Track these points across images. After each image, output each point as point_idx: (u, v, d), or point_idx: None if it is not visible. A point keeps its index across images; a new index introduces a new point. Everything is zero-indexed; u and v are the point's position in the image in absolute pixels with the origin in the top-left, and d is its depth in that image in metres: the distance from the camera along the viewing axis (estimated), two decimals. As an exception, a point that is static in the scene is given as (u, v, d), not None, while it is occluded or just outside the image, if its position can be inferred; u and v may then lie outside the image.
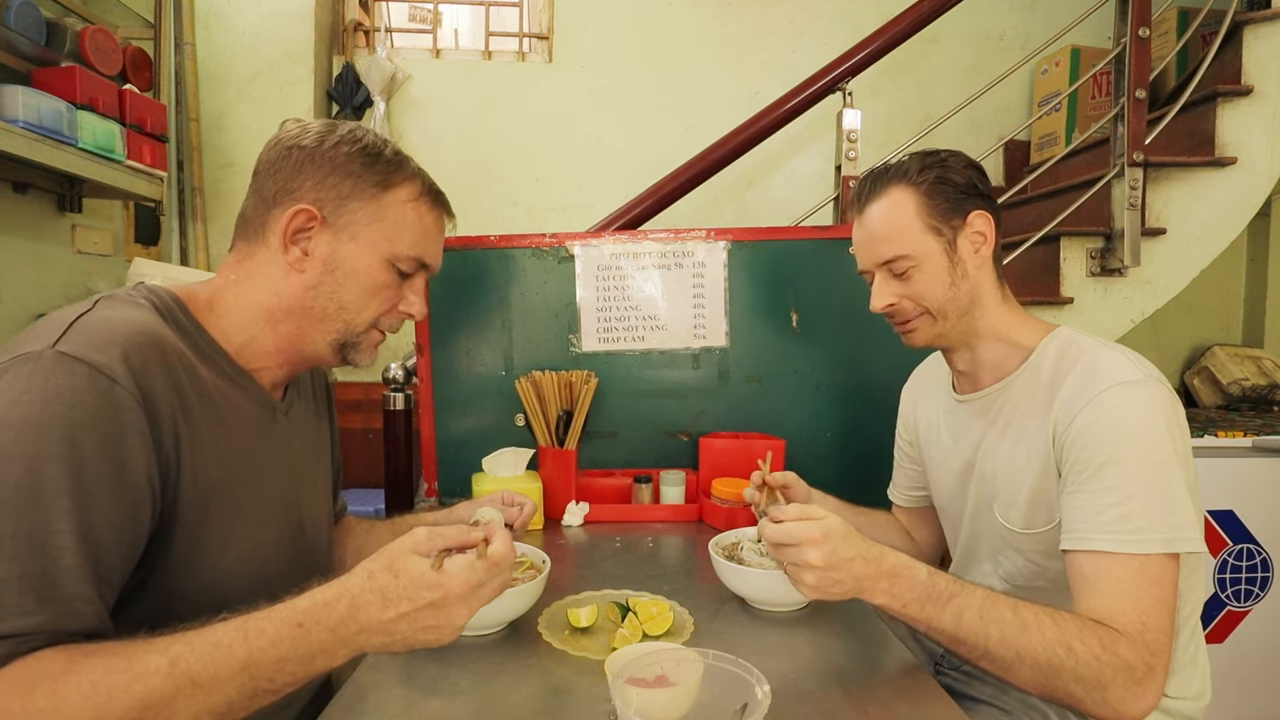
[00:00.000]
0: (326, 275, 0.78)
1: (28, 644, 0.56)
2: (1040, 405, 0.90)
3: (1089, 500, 0.80)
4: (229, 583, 0.73)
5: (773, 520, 0.79)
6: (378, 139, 0.81)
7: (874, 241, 0.96)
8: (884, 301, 0.97)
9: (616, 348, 1.51)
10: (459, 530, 0.68)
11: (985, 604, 0.76)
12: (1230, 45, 2.03)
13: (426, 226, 0.83)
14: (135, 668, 0.56)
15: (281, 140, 0.79)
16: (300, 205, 0.76)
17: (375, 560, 0.64)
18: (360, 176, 0.78)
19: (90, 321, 0.65)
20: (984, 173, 0.97)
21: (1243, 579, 1.80)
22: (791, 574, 0.78)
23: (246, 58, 2.53)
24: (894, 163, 0.98)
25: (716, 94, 2.74)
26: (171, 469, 0.67)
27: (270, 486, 0.81)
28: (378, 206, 0.79)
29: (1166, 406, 0.82)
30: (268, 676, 0.60)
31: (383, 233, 0.79)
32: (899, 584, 0.77)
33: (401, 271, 0.82)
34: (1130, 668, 0.72)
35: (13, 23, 1.55)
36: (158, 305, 0.73)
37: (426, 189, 0.83)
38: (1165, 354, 2.72)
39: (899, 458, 1.24)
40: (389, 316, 0.84)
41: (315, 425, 0.94)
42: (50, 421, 0.58)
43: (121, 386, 0.62)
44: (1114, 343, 0.90)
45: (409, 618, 0.62)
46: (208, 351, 0.75)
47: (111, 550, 0.62)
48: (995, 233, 0.95)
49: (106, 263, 2.04)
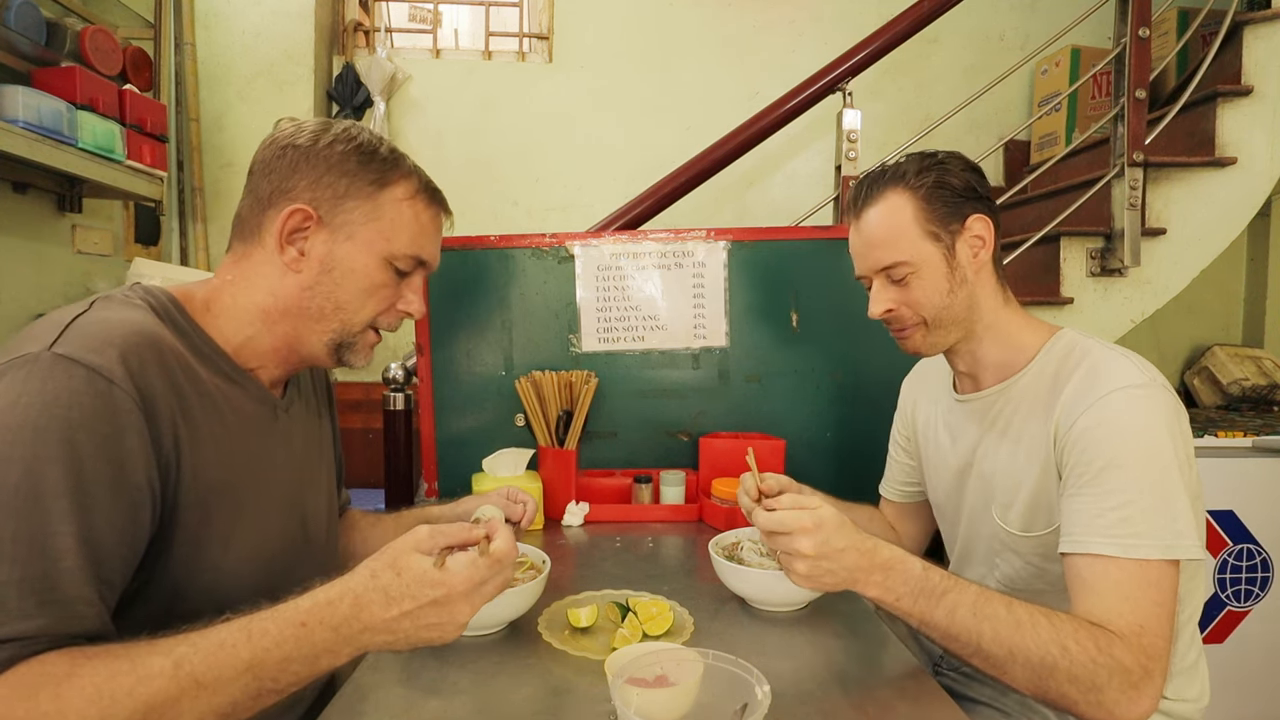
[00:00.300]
0: (323, 275, 0.78)
1: (30, 647, 0.56)
2: (1042, 408, 0.89)
3: (1089, 504, 0.80)
4: (232, 582, 0.73)
5: (766, 509, 0.80)
6: (373, 137, 0.80)
7: (871, 247, 0.95)
8: (882, 308, 0.97)
9: (616, 348, 1.51)
10: (461, 528, 0.68)
11: (979, 600, 0.76)
12: (1230, 45, 2.03)
13: (424, 224, 0.82)
14: (139, 670, 0.56)
15: (276, 139, 0.79)
16: (296, 205, 0.76)
17: (378, 559, 0.65)
18: (356, 175, 0.77)
19: (87, 323, 0.65)
20: (983, 174, 0.97)
21: (1243, 579, 1.80)
22: (784, 563, 0.79)
23: (246, 58, 2.53)
24: (890, 165, 0.97)
25: (716, 94, 2.75)
26: (171, 469, 0.67)
27: (272, 485, 0.80)
28: (374, 205, 0.78)
29: (1169, 412, 0.82)
30: (272, 676, 0.60)
31: (379, 231, 0.79)
32: (893, 577, 0.77)
33: (399, 270, 0.81)
34: (1126, 670, 0.72)
35: (13, 23, 1.55)
36: (154, 306, 0.73)
37: (423, 186, 0.82)
38: (1165, 354, 2.72)
39: (894, 451, 1.24)
40: (387, 316, 0.83)
41: (316, 421, 0.94)
42: (48, 424, 0.58)
43: (119, 387, 0.62)
44: (1119, 346, 0.89)
45: (412, 616, 0.63)
46: (205, 351, 0.75)
47: (112, 552, 0.61)
48: (994, 236, 0.94)
49: (106, 263, 2.04)
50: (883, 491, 1.26)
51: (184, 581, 0.69)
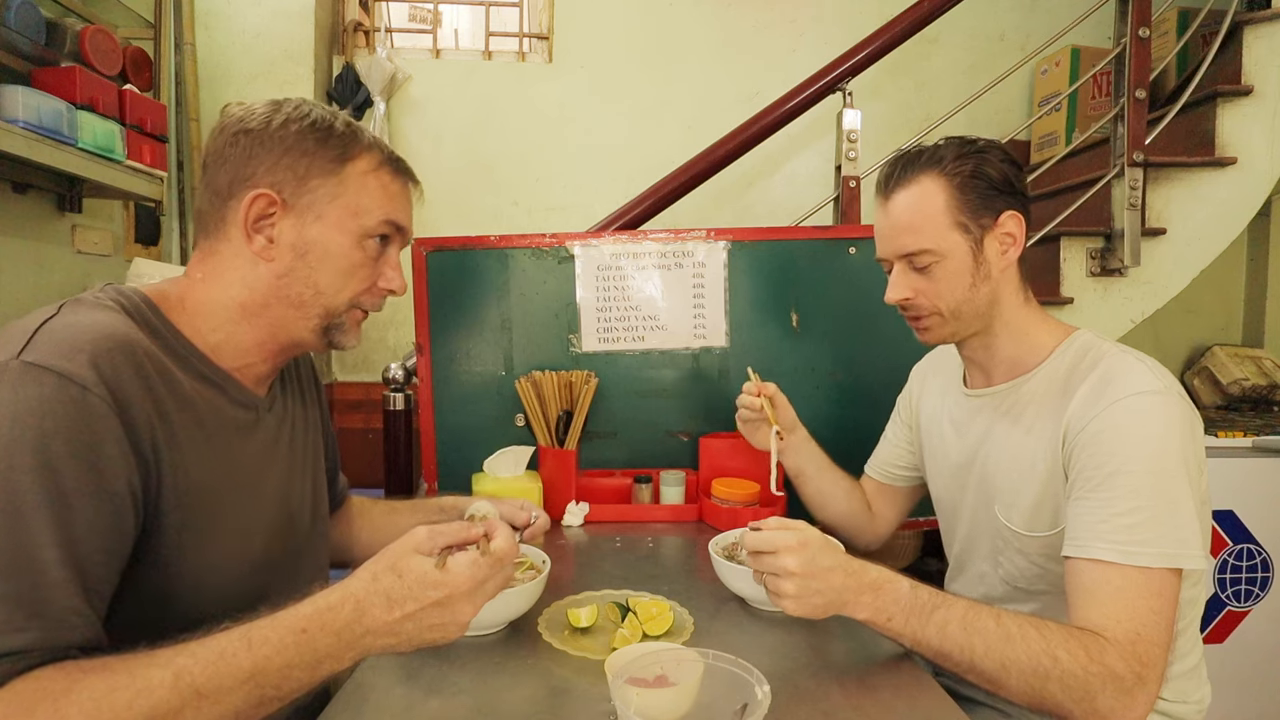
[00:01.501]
0: (297, 260, 0.75)
1: (24, 662, 0.55)
2: (1053, 407, 0.88)
3: (1095, 508, 0.79)
4: (218, 583, 0.72)
5: (753, 529, 0.79)
6: (326, 112, 0.77)
7: (897, 231, 0.92)
8: (900, 295, 0.94)
9: (616, 348, 1.51)
10: (460, 527, 0.68)
11: (968, 615, 0.76)
12: (1230, 45, 2.02)
13: (393, 194, 0.79)
14: (138, 683, 0.55)
15: (225, 126, 0.75)
16: (258, 191, 0.73)
17: (377, 562, 0.64)
18: (316, 154, 0.75)
19: (55, 328, 0.63)
20: (1021, 169, 0.93)
21: (1243, 579, 1.80)
22: (771, 585, 0.78)
23: (246, 58, 2.53)
24: (929, 147, 0.92)
25: (716, 94, 2.74)
26: (152, 473, 0.65)
27: (255, 486, 0.79)
28: (339, 181, 0.76)
29: (1182, 421, 0.81)
30: (274, 684, 0.59)
31: (348, 208, 0.76)
32: (882, 597, 0.77)
33: (381, 238, 0.79)
34: (1118, 677, 0.71)
35: (13, 23, 1.55)
36: (126, 307, 0.70)
37: (386, 158, 0.80)
38: (1165, 354, 2.72)
39: (890, 431, 1.22)
40: (368, 295, 0.81)
41: (302, 415, 0.92)
42: (21, 434, 0.57)
43: (93, 393, 0.60)
44: (1135, 350, 0.88)
45: (414, 617, 0.62)
46: (182, 353, 0.73)
47: (98, 560, 0.60)
48: (1025, 234, 0.91)
49: (106, 263, 2.03)
50: (867, 469, 1.25)
51: (169, 585, 0.68)
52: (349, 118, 0.80)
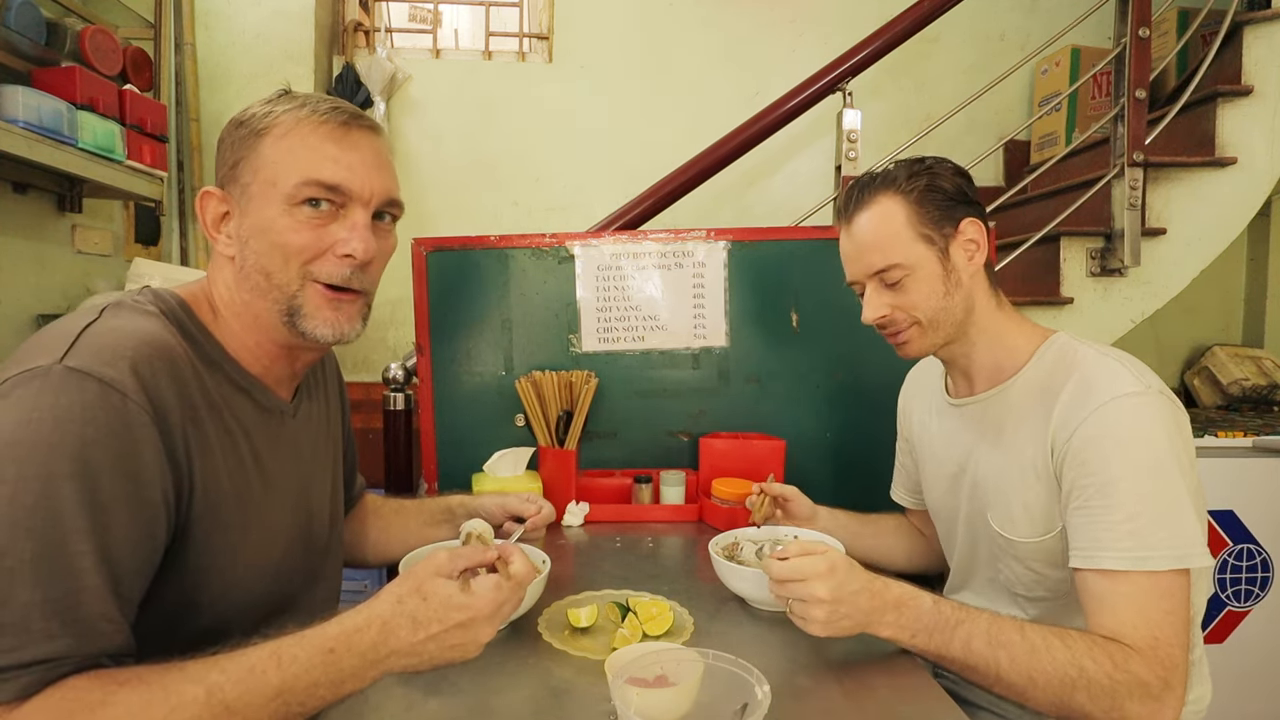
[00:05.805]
0: (244, 248, 0.75)
1: (57, 669, 0.56)
2: (1036, 414, 0.89)
3: (1096, 518, 0.80)
4: (240, 587, 0.74)
5: (778, 559, 0.79)
6: (263, 106, 0.76)
7: (864, 251, 0.95)
8: (876, 313, 0.95)
9: (616, 348, 1.51)
10: (475, 550, 0.70)
11: (992, 628, 0.76)
12: (1230, 45, 2.02)
13: (314, 146, 0.73)
14: (172, 699, 0.56)
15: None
16: (202, 189, 0.76)
17: (402, 584, 0.66)
18: (242, 139, 0.75)
19: (97, 333, 0.64)
20: (971, 180, 0.96)
21: (1243, 579, 1.80)
22: (799, 611, 0.78)
23: (246, 58, 2.53)
24: (880, 171, 0.96)
25: (716, 94, 2.74)
26: (184, 482, 0.67)
27: (279, 491, 0.80)
28: (257, 155, 0.73)
29: (1168, 419, 0.81)
30: (299, 701, 0.60)
31: (268, 179, 0.73)
32: (905, 614, 0.77)
33: (310, 200, 0.73)
34: (1145, 684, 0.72)
35: (13, 23, 1.55)
36: (165, 311, 0.72)
37: (311, 111, 0.74)
38: (1165, 354, 2.72)
39: (899, 455, 1.23)
40: (321, 263, 0.74)
41: (324, 417, 0.93)
42: (63, 440, 0.57)
43: (133, 401, 0.61)
44: (1112, 348, 0.89)
45: (437, 639, 0.64)
46: (215, 358, 0.74)
47: (131, 568, 0.61)
48: (987, 239, 0.94)
49: (106, 263, 2.03)
50: (897, 499, 1.25)
51: (193, 590, 0.70)
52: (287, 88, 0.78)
